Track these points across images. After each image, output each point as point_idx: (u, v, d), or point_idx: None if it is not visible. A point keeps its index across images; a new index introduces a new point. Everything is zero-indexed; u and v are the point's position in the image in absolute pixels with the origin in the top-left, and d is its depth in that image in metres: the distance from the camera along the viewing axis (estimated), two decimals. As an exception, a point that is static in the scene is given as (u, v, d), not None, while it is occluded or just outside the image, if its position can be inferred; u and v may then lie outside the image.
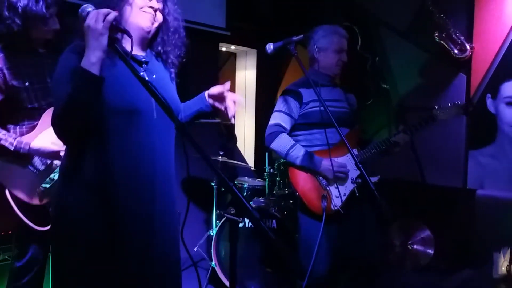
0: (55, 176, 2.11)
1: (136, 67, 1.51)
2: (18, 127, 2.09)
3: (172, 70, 1.65)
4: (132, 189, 1.46)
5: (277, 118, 2.49)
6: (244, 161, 4.39)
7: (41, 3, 1.98)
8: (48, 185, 2.08)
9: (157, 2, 1.53)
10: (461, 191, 3.42)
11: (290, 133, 2.51)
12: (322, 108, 2.33)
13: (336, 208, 2.39)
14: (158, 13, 1.54)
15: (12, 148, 2.01)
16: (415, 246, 3.51)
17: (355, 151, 2.47)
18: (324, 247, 2.38)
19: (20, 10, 1.95)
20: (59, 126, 1.39)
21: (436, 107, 2.45)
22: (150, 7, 1.51)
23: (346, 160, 2.45)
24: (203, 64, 4.34)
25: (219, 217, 3.42)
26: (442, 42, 3.55)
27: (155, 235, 1.51)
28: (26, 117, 2.08)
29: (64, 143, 1.50)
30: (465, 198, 3.38)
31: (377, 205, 1.80)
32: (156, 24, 1.55)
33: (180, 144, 1.45)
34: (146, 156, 1.49)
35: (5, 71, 1.99)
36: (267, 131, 2.50)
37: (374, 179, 2.42)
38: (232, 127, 4.77)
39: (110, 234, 1.44)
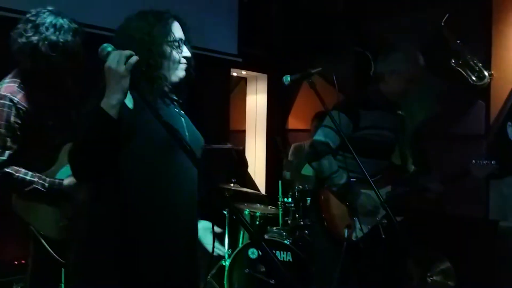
0: (70, 215, 2.04)
1: (172, 105, 1.55)
2: (45, 167, 2.00)
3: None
4: (155, 223, 1.43)
5: (326, 135, 2.32)
6: (255, 187, 4.31)
7: (75, 36, 1.94)
8: (64, 224, 2.01)
9: (187, 49, 1.54)
10: (483, 222, 3.31)
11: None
12: (374, 137, 2.30)
13: (356, 239, 2.31)
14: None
15: (44, 189, 1.94)
16: (434, 278, 3.38)
17: (388, 187, 2.39)
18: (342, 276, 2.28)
19: (61, 45, 1.89)
20: (74, 165, 1.35)
21: (474, 161, 2.37)
22: (185, 57, 1.53)
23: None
24: (214, 89, 4.33)
25: (230, 246, 3.32)
26: (459, 69, 3.49)
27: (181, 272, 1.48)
28: (51, 152, 2.02)
29: (80, 181, 1.44)
30: (486, 230, 3.27)
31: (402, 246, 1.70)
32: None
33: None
34: (170, 190, 1.46)
35: (29, 109, 1.90)
36: (314, 146, 2.34)
37: (398, 219, 2.34)
38: (243, 152, 4.72)
39: (132, 266, 1.39)
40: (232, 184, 3.37)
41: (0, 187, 1.94)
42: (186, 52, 1.53)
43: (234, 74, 5.03)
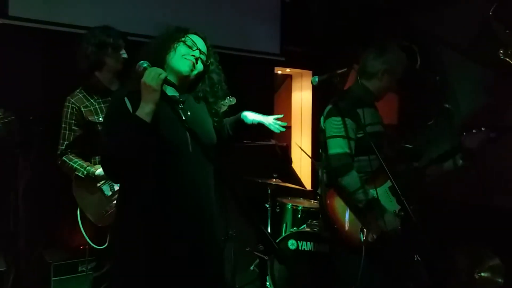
0: (113, 204, 2.33)
1: (174, 106, 1.67)
2: (98, 157, 2.41)
3: (215, 106, 1.82)
4: (181, 218, 1.61)
5: (343, 145, 2.24)
6: (299, 183, 4.42)
7: (117, 47, 2.38)
8: (105, 213, 2.32)
9: (200, 53, 1.70)
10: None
11: None
12: (373, 134, 2.29)
13: (373, 240, 2.27)
14: (199, 62, 1.70)
15: (83, 176, 2.33)
16: (482, 275, 3.31)
17: (389, 182, 2.36)
18: (368, 280, 2.28)
19: (107, 55, 2.35)
20: (108, 165, 1.58)
21: (464, 133, 2.38)
22: (192, 55, 1.68)
23: (383, 192, 2.33)
24: (259, 88, 4.48)
25: (273, 238, 3.46)
26: (507, 59, 3.39)
27: (204, 260, 1.64)
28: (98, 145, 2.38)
29: (112, 180, 1.67)
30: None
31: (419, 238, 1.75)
32: (195, 72, 1.71)
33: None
34: (188, 188, 1.63)
35: (82, 109, 2.34)
36: (334, 162, 2.25)
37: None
38: (287, 148, 4.84)
39: (161, 259, 1.58)
40: (273, 179, 3.51)
41: (64, 171, 2.38)
42: (196, 53, 1.69)
43: (279, 72, 5.16)
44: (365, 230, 2.24)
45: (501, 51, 3.38)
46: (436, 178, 2.51)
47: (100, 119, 2.35)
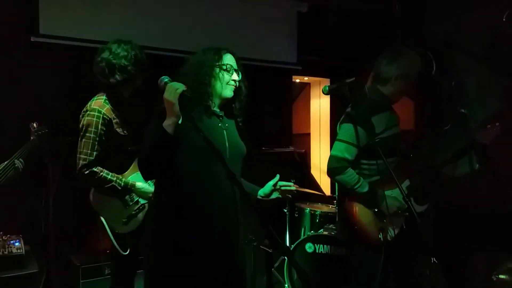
0: (134, 212, 2.45)
1: (216, 119, 1.90)
2: (117, 170, 2.42)
3: (239, 119, 1.99)
4: (216, 225, 1.78)
5: (343, 151, 2.33)
6: (318, 188, 4.50)
7: (138, 60, 2.42)
8: (126, 220, 2.42)
9: (236, 75, 1.90)
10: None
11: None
12: (390, 138, 2.37)
13: (391, 239, 2.35)
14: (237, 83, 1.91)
15: (120, 188, 2.37)
16: (500, 277, 3.31)
17: (407, 181, 2.46)
18: (387, 281, 2.35)
19: (127, 67, 2.38)
20: (143, 168, 1.80)
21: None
22: (233, 80, 1.88)
23: (398, 194, 2.39)
24: (277, 96, 4.61)
25: (291, 241, 3.56)
26: (522, 64, 3.42)
27: (236, 270, 1.83)
28: (125, 159, 2.48)
29: (145, 179, 1.85)
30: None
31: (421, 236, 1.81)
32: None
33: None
34: (220, 191, 1.80)
35: (112, 120, 2.36)
36: (331, 162, 2.37)
37: (422, 208, 2.42)
38: (305, 154, 4.92)
39: (194, 267, 1.74)
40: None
41: (88, 183, 2.36)
42: (235, 75, 1.88)
43: (297, 80, 5.26)
44: (383, 229, 2.31)
45: (516, 56, 3.41)
46: (453, 180, 2.57)
47: (125, 131, 2.41)
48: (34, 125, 2.66)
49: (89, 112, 2.32)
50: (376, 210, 2.36)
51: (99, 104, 2.35)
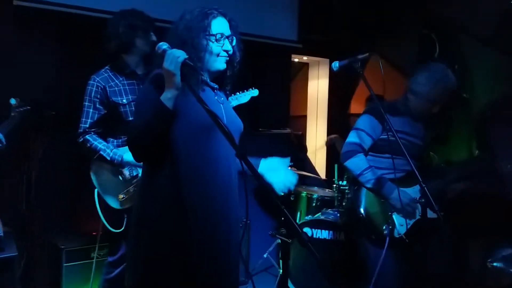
0: (131, 188, 2.35)
1: (211, 92, 1.70)
2: (115, 140, 2.41)
3: (228, 88, 1.80)
4: (207, 206, 1.60)
5: (358, 137, 2.41)
6: (314, 171, 4.40)
7: (145, 30, 2.38)
8: (125, 196, 2.34)
9: (229, 42, 1.67)
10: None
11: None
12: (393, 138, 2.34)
13: (399, 235, 2.36)
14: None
15: (108, 158, 2.32)
16: (495, 264, 3.27)
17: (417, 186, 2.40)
18: (390, 271, 2.33)
19: (131, 26, 2.35)
20: (134, 148, 1.61)
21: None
22: (225, 51, 1.66)
23: (413, 193, 2.40)
24: (275, 75, 4.44)
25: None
26: (529, 48, 3.31)
27: (229, 252, 1.65)
28: (123, 132, 2.38)
29: (136, 160, 1.67)
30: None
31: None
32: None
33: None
34: (216, 166, 1.63)
35: (107, 88, 2.33)
36: (345, 147, 2.43)
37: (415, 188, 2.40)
38: (302, 137, 4.81)
39: (185, 248, 1.57)
40: (289, 167, 3.48)
41: (83, 151, 2.36)
42: (227, 45, 1.65)
43: (296, 60, 5.10)
44: (390, 223, 2.33)
45: (523, 40, 3.31)
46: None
47: (124, 100, 2.35)
48: (15, 101, 2.53)
49: (89, 81, 2.37)
50: (383, 201, 2.37)
51: (98, 73, 2.38)
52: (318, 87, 5.25)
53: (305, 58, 5.08)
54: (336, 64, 2.21)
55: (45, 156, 2.96)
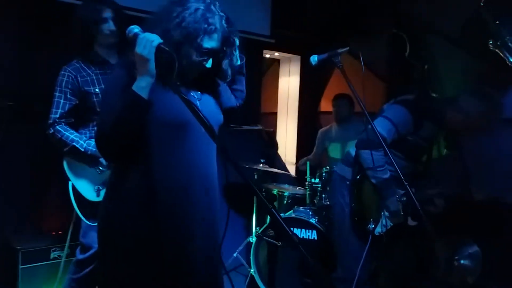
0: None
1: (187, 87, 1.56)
2: (88, 131, 2.33)
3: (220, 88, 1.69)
4: (176, 200, 1.49)
5: (388, 131, 2.27)
6: (285, 168, 4.36)
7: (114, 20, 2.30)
8: (101, 187, 2.28)
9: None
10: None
11: None
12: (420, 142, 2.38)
13: (379, 233, 2.37)
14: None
15: (82, 149, 2.25)
16: (461, 262, 3.33)
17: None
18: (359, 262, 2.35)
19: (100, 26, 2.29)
20: (104, 146, 1.45)
21: None
22: (206, 48, 1.50)
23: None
24: (246, 71, 4.34)
25: (259, 224, 3.40)
26: (496, 50, 3.37)
27: (198, 248, 1.54)
28: (95, 122, 2.30)
29: (106, 160, 1.53)
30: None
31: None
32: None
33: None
34: (191, 167, 1.51)
35: (79, 78, 2.27)
36: (368, 136, 2.23)
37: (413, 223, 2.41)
38: (273, 133, 4.76)
39: (154, 246, 1.47)
40: (261, 164, 3.42)
41: (53, 143, 2.26)
42: (210, 43, 1.49)
43: (267, 55, 5.03)
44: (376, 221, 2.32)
45: (491, 42, 3.36)
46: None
47: (97, 90, 2.27)
48: None
49: (60, 71, 2.30)
50: (381, 199, 2.34)
51: (70, 64, 2.32)
52: (289, 84, 5.20)
53: (276, 54, 5.02)
54: (315, 58, 2.15)
55: (2, 149, 2.76)
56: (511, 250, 3.16)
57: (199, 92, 1.61)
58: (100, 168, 2.29)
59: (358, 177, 2.42)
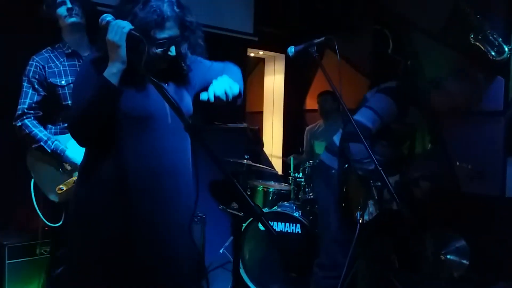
0: (72, 180, 2.20)
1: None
2: (53, 127, 2.25)
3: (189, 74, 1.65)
4: (146, 190, 1.49)
5: (372, 121, 2.22)
6: (270, 165, 4.36)
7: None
8: (64, 187, 2.18)
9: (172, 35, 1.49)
10: (499, 200, 3.25)
11: None
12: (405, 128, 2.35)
13: (363, 221, 2.31)
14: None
15: (49, 150, 2.16)
16: (449, 256, 3.35)
17: (397, 176, 2.39)
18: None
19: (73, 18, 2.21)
20: (75, 129, 1.48)
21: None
22: (164, 38, 1.48)
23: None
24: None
25: (244, 221, 3.39)
26: (478, 44, 3.41)
27: (168, 235, 1.54)
28: (62, 118, 2.23)
29: (80, 145, 1.53)
30: (503, 208, 3.22)
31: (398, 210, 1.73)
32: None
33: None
34: (160, 159, 1.52)
35: (46, 69, 2.20)
36: (352, 127, 2.15)
37: (394, 178, 2.36)
38: (258, 131, 4.75)
39: (124, 233, 1.46)
40: (245, 160, 3.42)
41: (20, 137, 2.19)
42: (165, 33, 1.47)
43: (252, 54, 5.05)
44: (362, 211, 2.27)
45: (472, 36, 3.41)
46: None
47: (63, 82, 2.20)
48: None
49: (29, 61, 2.23)
50: (366, 188, 2.29)
51: (38, 53, 2.25)
52: (274, 82, 5.22)
53: (261, 53, 5.04)
54: (291, 49, 2.16)
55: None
56: (496, 243, 3.19)
57: (169, 83, 1.61)
58: (65, 169, 2.22)
59: (346, 166, 2.42)
